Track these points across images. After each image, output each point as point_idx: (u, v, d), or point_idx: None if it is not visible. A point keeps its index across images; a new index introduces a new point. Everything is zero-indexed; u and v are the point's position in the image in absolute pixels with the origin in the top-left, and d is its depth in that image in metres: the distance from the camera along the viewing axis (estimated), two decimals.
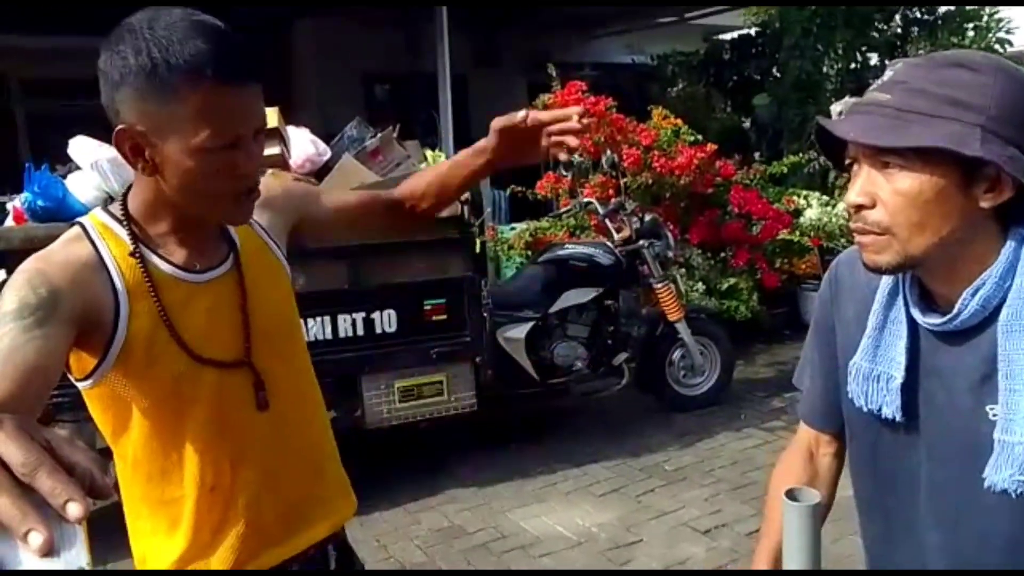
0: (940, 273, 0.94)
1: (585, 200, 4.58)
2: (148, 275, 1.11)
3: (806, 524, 0.81)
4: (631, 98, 6.20)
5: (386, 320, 3.45)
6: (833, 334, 1.12)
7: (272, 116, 3.43)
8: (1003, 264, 0.90)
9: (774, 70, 8.34)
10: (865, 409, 1.04)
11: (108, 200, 3.15)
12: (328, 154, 3.79)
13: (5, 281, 2.73)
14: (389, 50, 7.72)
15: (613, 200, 4.50)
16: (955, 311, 0.92)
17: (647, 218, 4.43)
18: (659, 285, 4.26)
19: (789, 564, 0.84)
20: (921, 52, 7.85)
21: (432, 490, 3.63)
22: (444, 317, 3.54)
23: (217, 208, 1.11)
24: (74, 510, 0.51)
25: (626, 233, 4.29)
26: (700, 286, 5.35)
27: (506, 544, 3.19)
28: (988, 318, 0.91)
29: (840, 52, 7.77)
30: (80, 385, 1.11)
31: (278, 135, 3.42)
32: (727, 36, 9.88)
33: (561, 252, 4.28)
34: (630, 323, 4.34)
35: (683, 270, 5.27)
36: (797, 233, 5.74)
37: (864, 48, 8.06)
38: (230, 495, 1.18)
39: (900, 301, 0.99)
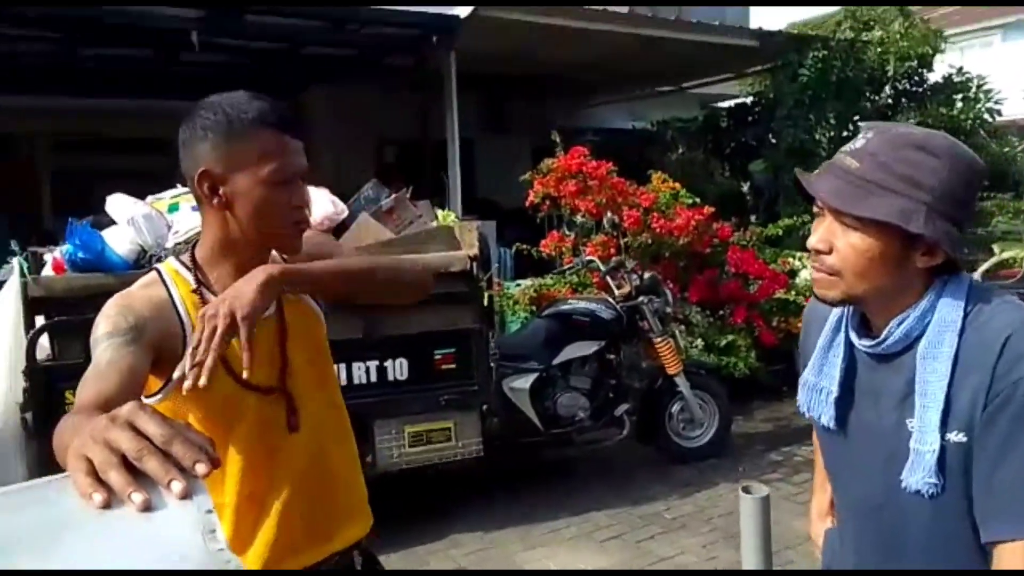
0: (876, 308, 1.15)
1: (587, 258, 4.80)
2: None
3: (758, 512, 0.99)
4: (632, 162, 6.48)
5: (398, 368, 3.63)
6: (807, 358, 1.33)
7: None
8: (925, 304, 1.11)
9: (769, 137, 8.67)
10: (807, 416, 1.26)
11: (142, 253, 3.37)
12: (345, 212, 4.02)
13: (47, 326, 2.96)
14: (401, 116, 8.07)
15: (614, 258, 4.72)
16: (882, 337, 1.13)
17: (646, 276, 4.65)
18: (658, 340, 4.44)
19: (745, 545, 1.02)
20: (911, 121, 8.19)
21: (440, 534, 3.75)
22: (453, 366, 3.72)
23: (277, 234, 1.34)
24: (202, 467, 0.69)
25: (626, 290, 4.49)
26: (699, 342, 5.52)
27: None
28: (910, 346, 1.11)
29: (832, 122, 8.12)
30: (149, 400, 1.30)
31: None
32: (725, 104, 10.29)
33: (564, 307, 4.48)
34: (631, 376, 4.52)
35: (682, 327, 5.45)
36: (793, 293, 5.94)
37: (856, 117, 8.40)
38: (264, 503, 1.37)
39: (843, 328, 1.21)
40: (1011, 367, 1.02)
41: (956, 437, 1.06)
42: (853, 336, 1.19)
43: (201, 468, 0.70)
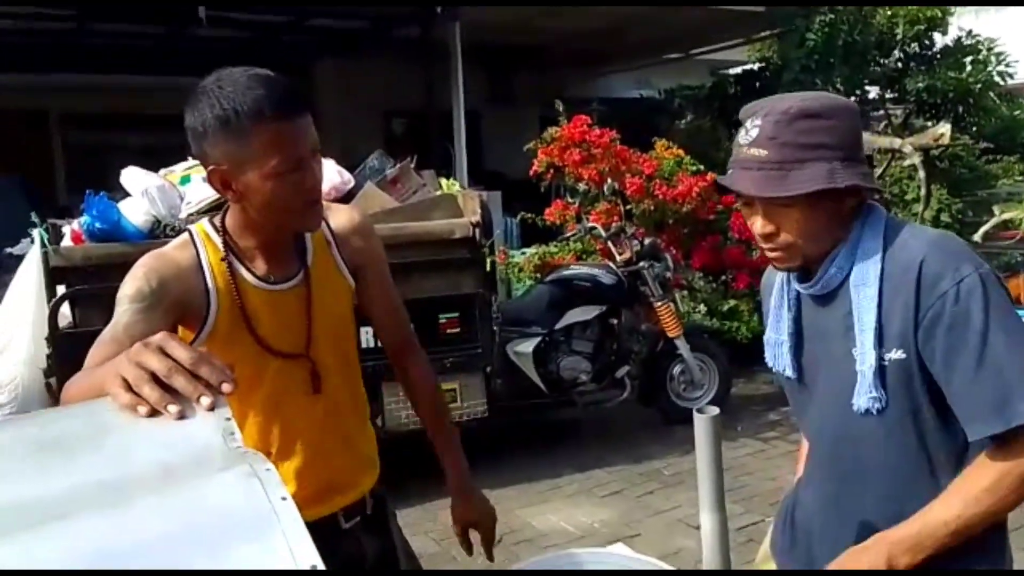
0: (821, 258, 1.24)
1: (590, 225, 4.90)
2: (235, 280, 1.41)
3: (710, 431, 1.11)
4: (639, 131, 6.53)
5: None
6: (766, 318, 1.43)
7: None
8: (851, 241, 1.22)
9: None
10: (775, 370, 1.36)
11: (156, 223, 3.51)
12: (352, 183, 4.13)
13: (68, 294, 3.12)
14: (409, 88, 8.14)
15: (614, 224, 4.82)
16: (819, 276, 1.24)
17: (647, 241, 4.74)
18: (659, 304, 4.54)
19: (700, 463, 1.14)
20: (921, 85, 8.13)
21: (445, 491, 3.87)
22: (457, 330, 3.86)
23: (292, 219, 1.37)
24: (228, 386, 0.82)
25: (627, 255, 4.59)
26: (702, 307, 5.63)
27: (514, 537, 3.46)
28: (844, 281, 1.22)
29: (839, 87, 8.08)
30: None
31: None
32: (733, 71, 10.26)
33: (566, 273, 4.59)
34: (632, 339, 4.63)
35: (685, 292, 5.55)
36: None
37: (865, 81, 8.36)
38: (279, 461, 1.47)
39: (788, 282, 1.31)
40: (933, 285, 1.13)
41: (895, 355, 1.17)
42: (796, 284, 1.29)
43: (227, 387, 0.82)
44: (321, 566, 0.61)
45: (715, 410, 1.11)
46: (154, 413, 0.79)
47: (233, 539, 0.64)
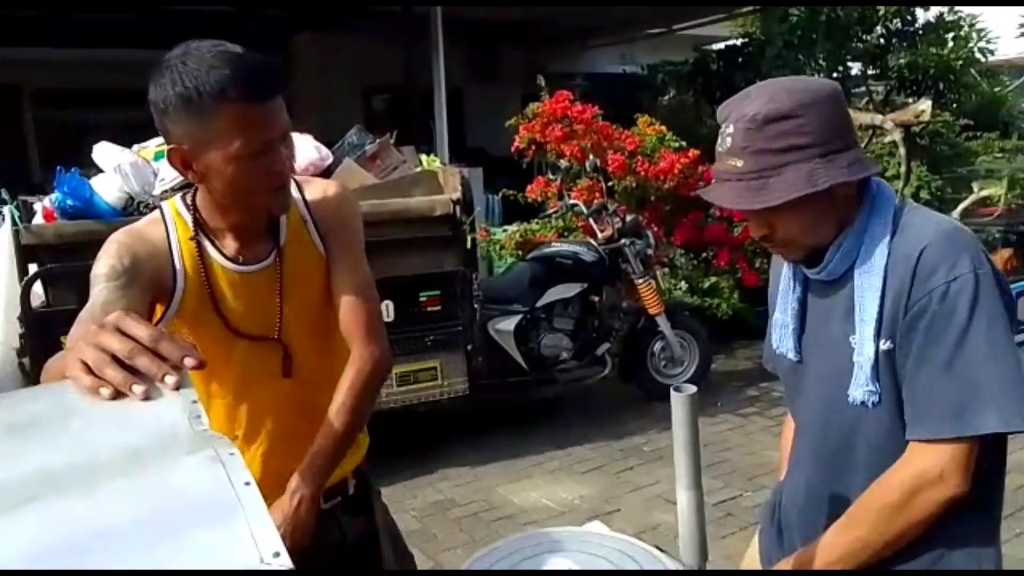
0: (825, 244, 1.21)
1: (571, 202, 4.88)
2: (203, 260, 1.38)
3: (687, 409, 1.11)
4: (622, 106, 6.48)
5: (385, 310, 3.73)
6: (774, 303, 1.40)
7: None
8: (858, 226, 1.18)
9: (758, 80, 8.61)
10: (778, 352, 1.33)
11: (129, 200, 3.45)
12: (330, 159, 4.07)
13: (40, 273, 3.06)
14: (388, 64, 8.04)
15: (596, 201, 4.80)
16: (825, 262, 1.21)
17: (629, 219, 4.73)
18: (640, 281, 4.54)
19: (677, 441, 1.14)
20: (903, 61, 8.14)
21: (427, 469, 3.91)
22: (438, 308, 3.84)
23: (255, 203, 1.34)
24: (190, 362, 0.79)
25: (609, 232, 4.58)
26: (683, 284, 5.64)
27: (495, 514, 3.47)
28: (851, 267, 1.18)
29: (822, 63, 8.07)
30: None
31: None
32: (716, 46, 10.22)
33: (548, 250, 4.58)
34: (613, 316, 4.63)
35: (666, 269, 5.55)
36: None
37: (848, 57, 8.35)
38: (247, 444, 1.46)
39: (796, 265, 1.28)
40: (927, 278, 1.09)
41: (884, 345, 1.14)
42: (803, 268, 1.26)
43: (190, 361, 0.79)
44: (284, 552, 0.60)
45: (692, 388, 1.10)
46: (118, 395, 0.77)
47: (196, 525, 0.63)
